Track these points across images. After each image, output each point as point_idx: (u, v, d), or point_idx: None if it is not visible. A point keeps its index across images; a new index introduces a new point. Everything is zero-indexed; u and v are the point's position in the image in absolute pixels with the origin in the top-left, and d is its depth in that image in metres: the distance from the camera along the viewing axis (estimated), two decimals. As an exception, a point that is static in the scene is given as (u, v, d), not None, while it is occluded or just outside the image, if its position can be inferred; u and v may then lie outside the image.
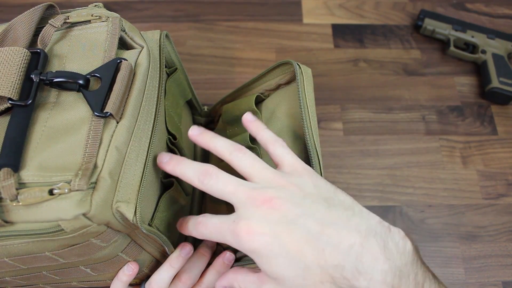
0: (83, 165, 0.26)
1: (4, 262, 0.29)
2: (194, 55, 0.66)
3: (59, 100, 0.29)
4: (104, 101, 0.28)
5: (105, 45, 0.31)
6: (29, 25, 0.30)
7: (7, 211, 0.25)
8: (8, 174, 0.25)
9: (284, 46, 0.67)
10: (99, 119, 0.28)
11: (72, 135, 0.27)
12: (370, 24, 0.70)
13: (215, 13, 0.70)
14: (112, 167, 0.27)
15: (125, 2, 0.70)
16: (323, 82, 0.64)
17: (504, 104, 0.63)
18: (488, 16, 0.71)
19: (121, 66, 0.30)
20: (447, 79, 0.65)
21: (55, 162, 0.26)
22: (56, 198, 0.25)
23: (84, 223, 0.26)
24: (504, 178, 0.57)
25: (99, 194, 0.26)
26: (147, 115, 0.31)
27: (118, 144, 0.28)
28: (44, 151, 0.27)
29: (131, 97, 0.30)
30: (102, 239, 0.28)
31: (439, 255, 0.52)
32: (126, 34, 0.34)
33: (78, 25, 0.33)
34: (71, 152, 0.27)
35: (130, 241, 0.32)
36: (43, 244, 0.27)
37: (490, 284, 0.51)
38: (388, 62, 0.66)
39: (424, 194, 0.56)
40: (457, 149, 0.59)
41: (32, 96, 0.28)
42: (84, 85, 0.29)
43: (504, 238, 0.53)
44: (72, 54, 0.31)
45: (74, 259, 0.30)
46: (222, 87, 0.62)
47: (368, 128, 0.61)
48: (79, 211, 0.25)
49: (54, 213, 0.25)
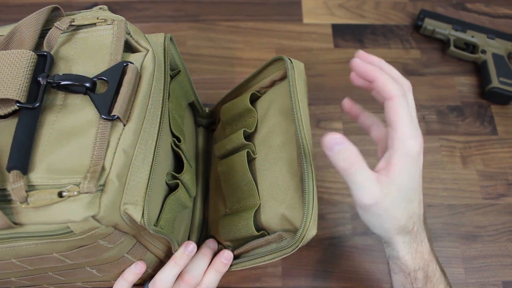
0: (91, 167, 0.26)
1: (11, 263, 0.29)
2: (194, 55, 0.66)
3: (66, 103, 0.29)
4: (111, 104, 0.29)
5: (111, 48, 0.31)
6: (35, 27, 0.31)
7: (16, 213, 0.26)
8: (17, 177, 0.25)
9: (284, 46, 0.67)
10: (106, 122, 0.28)
11: (80, 137, 0.28)
12: (370, 24, 0.70)
13: (215, 13, 0.70)
14: (120, 170, 0.27)
15: (125, 2, 0.70)
16: (323, 82, 0.64)
17: (504, 104, 0.63)
18: (488, 16, 0.71)
19: (127, 69, 0.30)
20: (447, 79, 0.65)
21: (63, 164, 0.26)
22: (66, 200, 0.25)
23: (92, 225, 0.26)
24: (504, 178, 0.57)
25: (107, 196, 0.26)
26: (153, 118, 0.32)
27: (125, 147, 0.28)
28: (52, 153, 0.27)
29: (137, 100, 0.30)
30: (109, 241, 0.29)
31: (439, 255, 0.52)
32: (131, 37, 0.34)
33: (84, 28, 0.33)
34: (79, 154, 0.27)
35: (135, 242, 0.32)
36: (52, 245, 0.27)
37: (490, 284, 0.51)
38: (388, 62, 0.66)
39: (424, 194, 0.56)
40: (457, 149, 0.59)
41: (40, 99, 0.28)
42: (91, 88, 0.29)
43: (504, 238, 0.53)
44: (78, 56, 0.31)
45: (81, 260, 0.30)
46: (222, 87, 0.62)
47: (368, 128, 0.60)
48: (88, 213, 0.25)
49: (63, 215, 0.25)
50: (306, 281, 0.51)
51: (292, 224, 0.35)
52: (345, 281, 0.51)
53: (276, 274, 0.51)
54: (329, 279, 0.51)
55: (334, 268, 0.51)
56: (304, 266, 0.51)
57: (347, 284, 0.50)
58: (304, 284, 0.50)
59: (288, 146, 0.37)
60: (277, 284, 0.50)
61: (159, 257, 0.36)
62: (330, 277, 0.51)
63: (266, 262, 0.36)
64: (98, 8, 0.35)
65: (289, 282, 0.50)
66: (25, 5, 0.70)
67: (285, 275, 0.51)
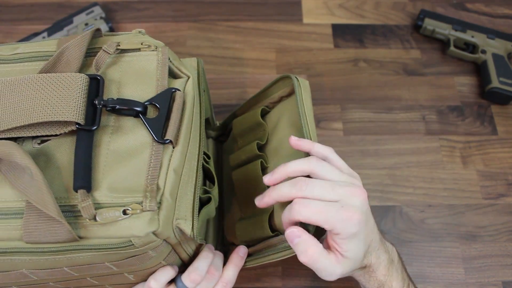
0: (148, 186, 0.29)
1: (61, 271, 0.31)
2: (194, 55, 0.65)
3: (118, 125, 0.32)
4: (163, 128, 0.31)
5: (156, 73, 0.34)
6: (80, 49, 0.33)
7: (82, 227, 0.28)
8: (85, 195, 0.28)
9: (284, 46, 0.67)
10: (159, 145, 0.31)
11: (135, 158, 0.30)
12: (370, 24, 0.70)
13: (215, 13, 0.70)
14: (172, 188, 0.30)
15: (125, 2, 0.70)
16: (323, 82, 0.64)
17: (504, 104, 0.63)
18: (488, 16, 0.71)
19: (175, 96, 0.33)
20: (447, 79, 0.65)
21: (122, 184, 0.29)
22: (130, 217, 0.28)
23: (151, 239, 0.30)
24: (504, 178, 0.57)
25: (163, 213, 0.29)
26: (194, 139, 0.35)
27: (175, 167, 0.31)
28: (112, 173, 0.29)
29: (183, 124, 0.33)
30: (156, 250, 0.32)
31: (439, 255, 0.52)
32: (172, 63, 0.36)
33: (129, 52, 0.35)
34: (136, 174, 0.30)
35: (170, 250, 0.35)
36: (108, 256, 0.30)
37: (490, 284, 0.51)
38: (388, 62, 0.66)
39: (424, 194, 0.56)
40: (457, 149, 0.59)
41: (98, 121, 0.30)
42: (143, 112, 0.31)
43: (504, 238, 0.53)
44: (125, 80, 0.34)
45: (126, 268, 0.33)
46: (222, 87, 0.62)
47: (368, 128, 0.61)
48: (150, 229, 0.29)
49: (128, 231, 0.28)
50: (306, 281, 0.51)
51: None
52: (345, 281, 0.50)
53: (276, 274, 0.51)
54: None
55: (334, 268, 0.51)
56: (304, 266, 0.51)
57: (347, 284, 0.50)
58: (304, 284, 0.50)
59: (296, 156, 0.40)
60: (277, 284, 0.50)
61: (184, 260, 0.39)
62: (330, 277, 0.51)
63: (279, 259, 0.39)
64: (137, 31, 0.37)
65: (289, 282, 0.51)
66: (25, 5, 0.70)
67: (285, 275, 0.51)
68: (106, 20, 0.66)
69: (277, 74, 0.65)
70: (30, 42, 0.37)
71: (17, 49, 0.35)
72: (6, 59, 0.35)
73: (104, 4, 0.69)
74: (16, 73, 0.34)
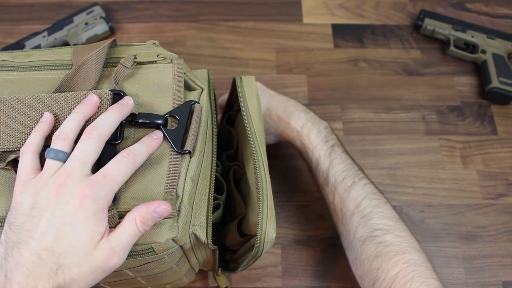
0: (168, 195, 0.30)
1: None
2: (194, 55, 0.66)
3: (137, 136, 0.33)
4: (183, 139, 0.33)
5: (173, 86, 0.35)
6: (99, 62, 0.34)
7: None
8: (110, 206, 0.28)
9: (284, 46, 0.67)
10: (178, 154, 0.32)
11: (155, 168, 0.31)
12: (370, 24, 0.70)
13: (215, 13, 0.70)
14: (189, 196, 0.32)
15: (125, 2, 0.70)
16: (323, 82, 0.64)
17: (504, 104, 0.63)
18: (488, 16, 0.71)
19: (194, 108, 0.34)
20: (447, 79, 0.65)
21: (143, 192, 0.30)
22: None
23: (170, 245, 0.31)
24: (504, 178, 0.57)
25: (182, 219, 0.31)
26: (209, 149, 0.36)
27: (192, 176, 0.32)
28: (134, 183, 0.31)
29: (199, 134, 0.34)
30: (171, 255, 0.33)
31: (439, 255, 0.52)
32: (186, 76, 0.37)
33: (145, 64, 0.36)
34: (156, 183, 0.31)
35: (182, 255, 0.36)
36: (128, 262, 0.31)
37: (490, 284, 0.51)
38: (388, 62, 0.66)
39: (424, 194, 0.56)
40: (457, 149, 0.59)
41: (121, 136, 0.32)
42: (164, 124, 0.33)
43: (504, 238, 0.53)
44: (143, 92, 0.35)
45: (141, 273, 0.34)
46: (222, 87, 0.62)
47: (368, 128, 0.61)
48: (171, 235, 0.30)
49: (150, 238, 0.30)
50: (306, 281, 0.51)
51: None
52: (345, 281, 0.51)
53: (276, 274, 0.51)
54: (329, 279, 0.51)
55: (334, 268, 0.51)
56: (304, 266, 0.52)
57: (347, 284, 0.50)
58: (304, 284, 0.50)
59: (250, 159, 0.40)
60: (277, 284, 0.50)
61: (192, 265, 0.40)
62: (330, 277, 0.51)
63: (251, 264, 0.39)
64: (151, 42, 0.38)
65: (289, 282, 0.51)
66: (25, 5, 0.70)
67: (285, 275, 0.51)
68: (106, 20, 0.66)
69: (277, 74, 0.65)
70: (44, 50, 0.38)
71: (31, 56, 0.36)
72: (22, 66, 0.35)
73: (104, 4, 0.69)
74: (34, 81, 0.35)
